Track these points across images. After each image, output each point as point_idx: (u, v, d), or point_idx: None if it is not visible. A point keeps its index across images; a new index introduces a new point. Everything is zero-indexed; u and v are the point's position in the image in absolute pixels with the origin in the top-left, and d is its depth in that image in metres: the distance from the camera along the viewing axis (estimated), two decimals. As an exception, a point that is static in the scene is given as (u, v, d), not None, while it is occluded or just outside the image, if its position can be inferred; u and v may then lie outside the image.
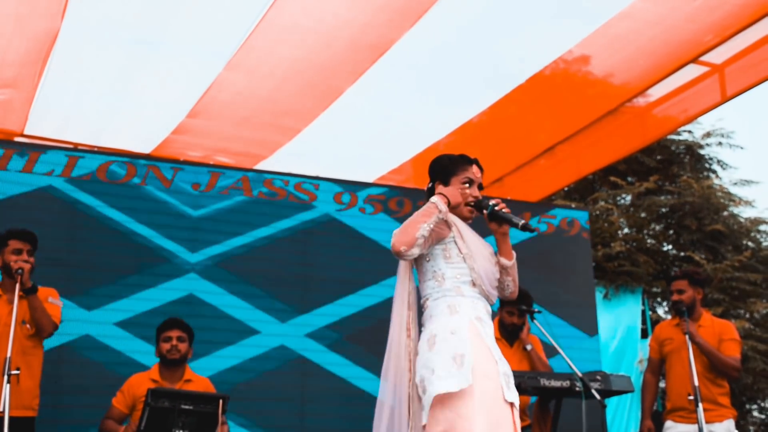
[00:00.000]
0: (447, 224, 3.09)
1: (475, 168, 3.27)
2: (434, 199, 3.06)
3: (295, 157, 6.52)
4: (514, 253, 3.24)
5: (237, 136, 6.33)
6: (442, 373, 2.83)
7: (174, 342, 4.69)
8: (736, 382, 13.03)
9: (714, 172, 14.57)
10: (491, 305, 3.15)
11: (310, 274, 6.10)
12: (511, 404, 2.89)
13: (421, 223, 2.96)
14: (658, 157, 13.75)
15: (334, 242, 6.21)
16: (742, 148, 15.27)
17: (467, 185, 3.20)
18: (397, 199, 6.54)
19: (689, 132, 14.33)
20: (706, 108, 6.08)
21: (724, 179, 14.84)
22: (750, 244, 14.28)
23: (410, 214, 3.06)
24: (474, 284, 3.06)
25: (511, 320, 5.13)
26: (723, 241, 13.68)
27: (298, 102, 5.86)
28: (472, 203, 3.19)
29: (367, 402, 3.44)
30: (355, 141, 6.53)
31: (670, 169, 13.97)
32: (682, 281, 4.99)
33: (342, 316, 6.07)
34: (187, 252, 5.83)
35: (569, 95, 6.08)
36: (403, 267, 3.13)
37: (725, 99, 5.77)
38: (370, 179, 6.92)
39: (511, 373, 2.99)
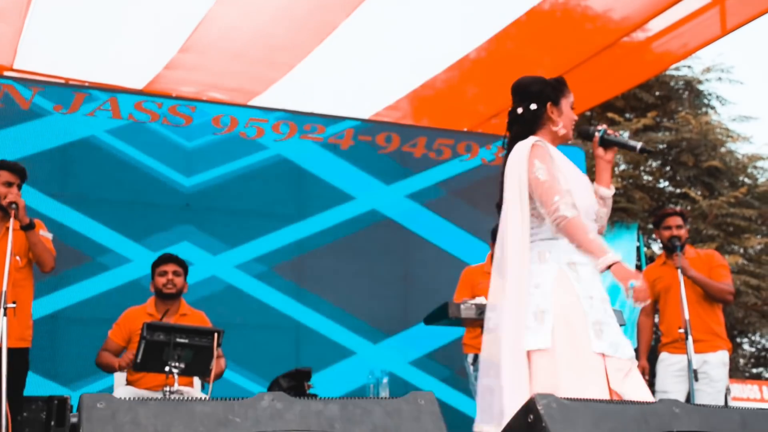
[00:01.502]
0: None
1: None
2: (611, 258, 2.76)
3: (290, 93, 6.46)
4: (612, 185, 3.10)
5: (230, 72, 6.25)
6: (528, 329, 2.79)
7: (170, 276, 4.73)
8: (728, 316, 13.21)
9: (713, 107, 14.49)
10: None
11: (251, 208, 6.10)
12: (604, 354, 2.72)
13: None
14: (657, 93, 13.64)
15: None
16: (741, 83, 15.13)
17: (572, 109, 3.07)
18: (386, 135, 6.51)
19: (688, 67, 14.19)
20: (705, 41, 6.00)
21: (723, 115, 14.78)
22: (746, 180, 14.30)
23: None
24: None
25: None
26: (719, 177, 13.69)
27: (292, 37, 5.77)
28: (597, 130, 3.08)
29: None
30: (349, 77, 6.45)
31: (668, 105, 13.89)
32: (679, 217, 5.05)
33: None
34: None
35: (568, 30, 5.98)
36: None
37: (725, 32, 5.68)
38: (366, 115, 6.87)
39: (607, 320, 2.79)
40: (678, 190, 13.77)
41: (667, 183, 14.19)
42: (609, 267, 2.75)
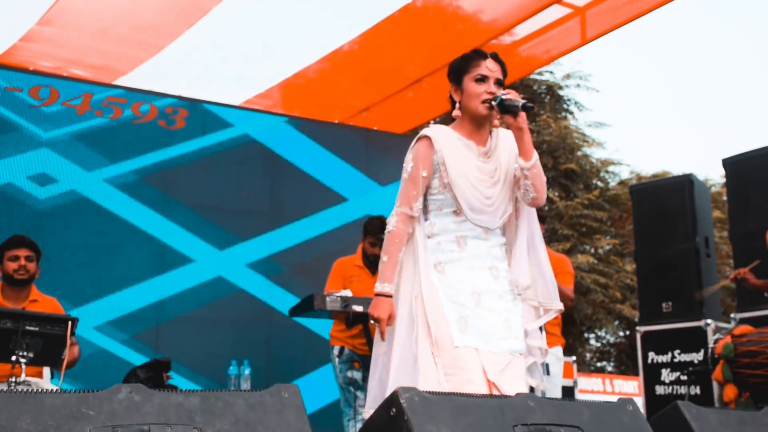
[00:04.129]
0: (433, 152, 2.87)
1: (489, 62, 2.92)
2: (379, 289, 2.86)
3: (157, 75, 6.24)
4: (534, 152, 2.88)
5: (94, 49, 5.98)
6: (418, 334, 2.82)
7: (23, 262, 4.47)
8: (577, 313, 13.89)
9: (571, 113, 15.18)
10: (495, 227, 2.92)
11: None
12: (477, 348, 2.75)
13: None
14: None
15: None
16: (597, 91, 15.91)
17: (481, 82, 2.89)
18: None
19: (550, 73, 14.80)
20: (567, 49, 6.30)
21: (580, 120, 15.50)
22: (599, 183, 15.07)
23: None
24: (457, 214, 2.88)
25: (372, 251, 5.12)
26: (575, 179, 14.37)
27: (160, 17, 5.58)
28: (490, 100, 2.87)
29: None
30: (220, 62, 6.31)
31: (530, 107, 14.35)
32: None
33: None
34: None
35: (439, 29, 6.10)
36: None
37: (585, 41, 5.99)
38: (236, 102, 6.75)
39: (480, 314, 2.79)
40: (536, 191, 14.30)
41: (526, 183, 14.70)
42: (376, 295, 2.85)
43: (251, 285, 6.29)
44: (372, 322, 2.85)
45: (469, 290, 2.83)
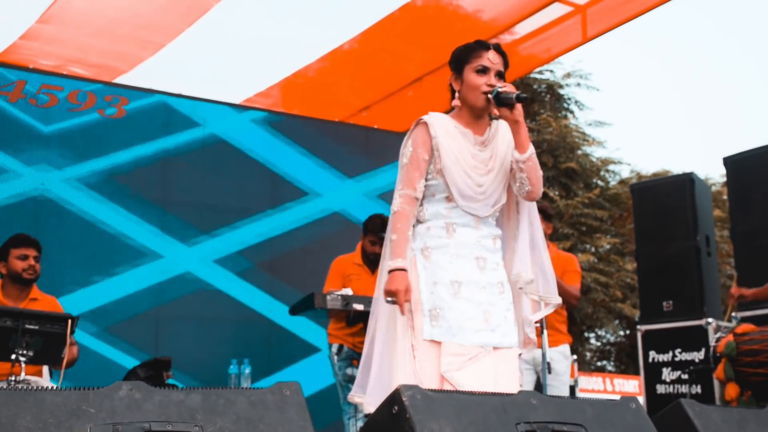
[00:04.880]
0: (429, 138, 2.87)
1: (492, 53, 2.91)
2: (392, 265, 2.80)
3: (157, 73, 6.23)
4: (530, 146, 2.88)
5: (94, 47, 5.96)
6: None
7: (32, 262, 4.47)
8: (577, 312, 13.88)
9: (571, 112, 15.18)
10: (489, 215, 2.91)
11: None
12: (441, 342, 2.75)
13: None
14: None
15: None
16: (598, 89, 15.90)
17: (482, 73, 2.89)
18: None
19: (551, 71, 14.80)
20: (567, 48, 6.28)
21: (580, 119, 15.50)
22: (599, 182, 15.06)
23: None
24: (449, 200, 2.87)
25: (372, 249, 5.11)
26: (575, 178, 14.36)
27: (161, 16, 5.57)
28: (489, 92, 2.86)
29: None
30: (221, 60, 6.31)
31: (531, 106, 14.40)
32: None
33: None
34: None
35: (439, 28, 6.09)
36: None
37: (586, 39, 5.97)
38: (237, 101, 6.74)
39: (453, 305, 2.79)
40: (537, 190, 14.30)
41: (527, 182, 14.70)
42: (389, 272, 2.79)
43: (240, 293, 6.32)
44: (389, 299, 2.76)
45: (449, 278, 2.81)
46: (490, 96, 2.85)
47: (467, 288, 2.82)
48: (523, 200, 2.98)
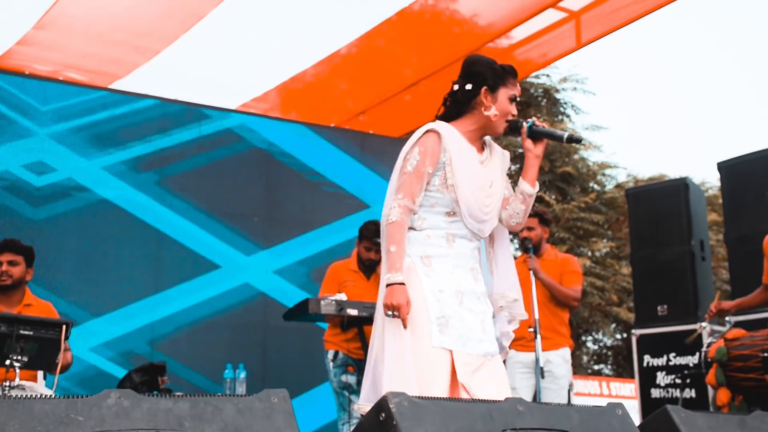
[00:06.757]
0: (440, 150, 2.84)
1: (518, 86, 2.97)
2: (390, 279, 2.77)
3: (154, 78, 6.25)
4: (537, 183, 2.97)
5: (90, 53, 5.98)
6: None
7: (5, 267, 4.41)
8: (574, 315, 13.91)
9: (568, 116, 15.21)
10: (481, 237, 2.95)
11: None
12: (452, 350, 2.75)
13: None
14: (517, 99, 14.20)
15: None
16: (594, 94, 15.94)
17: (512, 101, 2.92)
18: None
19: (547, 76, 14.83)
20: (562, 53, 6.32)
21: (577, 123, 15.53)
22: (596, 186, 15.09)
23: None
24: (449, 215, 2.87)
25: (368, 255, 5.12)
26: (572, 182, 14.39)
27: (158, 22, 5.58)
28: (516, 123, 2.92)
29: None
30: (217, 65, 6.32)
31: (527, 111, 14.42)
32: (533, 219, 5.15)
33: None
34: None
35: (436, 32, 6.11)
36: None
37: (580, 45, 6.01)
38: (233, 106, 6.75)
39: (460, 315, 2.80)
40: (534, 194, 14.35)
41: (524, 186, 14.74)
42: (387, 285, 2.76)
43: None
44: (389, 313, 2.75)
45: (453, 289, 2.83)
46: (524, 125, 2.90)
47: (468, 298, 2.85)
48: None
